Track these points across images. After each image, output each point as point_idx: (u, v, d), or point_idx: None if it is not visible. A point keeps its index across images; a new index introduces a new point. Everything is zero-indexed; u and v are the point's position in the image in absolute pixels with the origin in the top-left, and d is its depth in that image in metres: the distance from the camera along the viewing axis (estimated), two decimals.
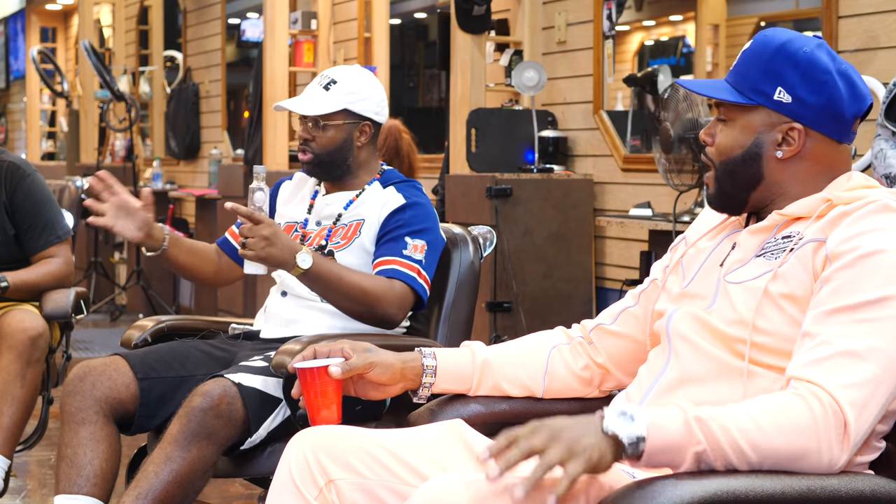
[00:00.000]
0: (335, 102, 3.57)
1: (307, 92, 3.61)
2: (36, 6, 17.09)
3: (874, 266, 2.06)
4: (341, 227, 3.56)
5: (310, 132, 3.58)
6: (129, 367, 3.35)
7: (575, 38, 6.74)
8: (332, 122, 3.58)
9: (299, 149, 3.60)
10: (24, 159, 4.55)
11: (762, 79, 2.24)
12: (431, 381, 2.52)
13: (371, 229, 3.53)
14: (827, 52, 2.24)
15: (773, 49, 2.24)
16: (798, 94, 2.22)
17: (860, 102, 2.24)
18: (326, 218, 3.61)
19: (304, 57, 9.44)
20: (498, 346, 2.60)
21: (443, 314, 3.57)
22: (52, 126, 16.80)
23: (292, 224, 3.65)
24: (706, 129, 2.34)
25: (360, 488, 2.26)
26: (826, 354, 2.02)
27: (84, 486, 3.24)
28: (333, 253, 3.51)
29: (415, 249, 3.46)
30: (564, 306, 6.23)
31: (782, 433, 1.96)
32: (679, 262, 2.42)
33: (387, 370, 2.49)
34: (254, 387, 3.18)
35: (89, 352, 8.54)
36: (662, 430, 1.93)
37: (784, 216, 2.24)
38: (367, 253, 3.52)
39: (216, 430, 3.11)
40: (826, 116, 2.23)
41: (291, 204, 3.72)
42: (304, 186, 3.75)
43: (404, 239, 3.46)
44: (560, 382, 2.56)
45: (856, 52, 5.00)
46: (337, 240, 3.54)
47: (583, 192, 6.36)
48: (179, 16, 12.32)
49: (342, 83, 3.59)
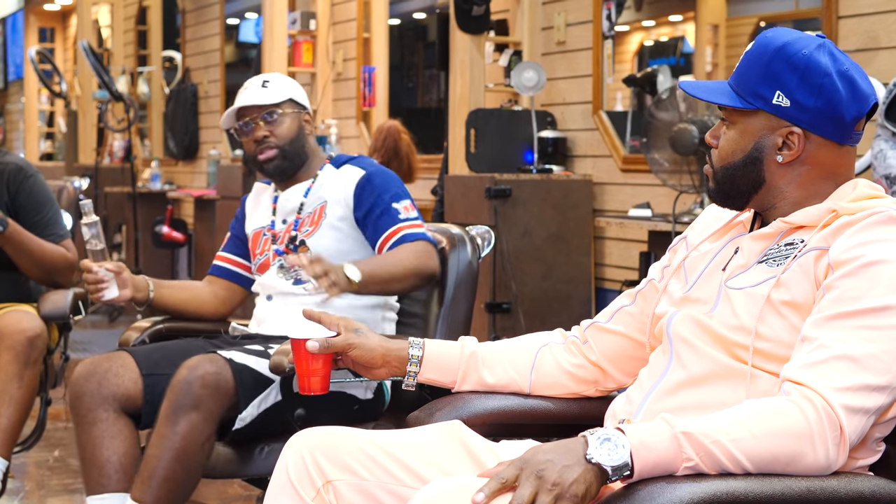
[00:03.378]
0: (281, 93, 3.67)
1: (249, 92, 3.67)
2: (34, 6, 17.10)
3: (876, 275, 2.06)
4: (306, 215, 3.62)
5: (265, 129, 3.63)
6: (135, 363, 3.38)
7: (574, 39, 6.74)
8: (284, 111, 3.66)
9: (258, 151, 3.65)
10: (26, 160, 4.56)
11: (761, 82, 2.23)
12: (416, 371, 2.54)
13: (337, 207, 3.59)
14: (828, 53, 2.21)
15: (772, 51, 2.23)
16: (796, 98, 2.20)
17: (862, 103, 2.22)
18: (290, 213, 3.67)
19: (302, 57, 9.45)
20: (489, 342, 2.62)
21: (441, 314, 3.58)
22: (50, 126, 16.82)
23: (260, 230, 3.71)
24: (712, 131, 2.33)
25: (358, 489, 2.26)
26: (823, 358, 2.01)
27: (108, 483, 3.28)
28: (305, 241, 3.57)
29: (406, 210, 3.55)
30: (564, 307, 6.23)
31: (776, 438, 1.95)
32: (681, 265, 2.41)
33: (367, 353, 2.51)
34: (245, 364, 3.24)
35: (87, 353, 8.54)
36: (649, 449, 1.92)
37: (788, 224, 2.23)
38: (336, 230, 3.58)
39: (203, 399, 3.15)
40: (825, 119, 2.21)
41: (255, 214, 3.79)
42: (262, 195, 3.81)
43: (392, 206, 3.54)
44: (548, 378, 2.56)
45: (856, 53, 5.00)
46: (305, 228, 3.61)
47: (582, 192, 6.36)
48: (178, 16, 12.33)
49: (275, 79, 3.70)
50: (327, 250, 3.52)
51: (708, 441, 1.93)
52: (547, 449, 1.93)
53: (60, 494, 4.94)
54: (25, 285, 4.47)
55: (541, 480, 1.88)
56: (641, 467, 1.91)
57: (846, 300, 2.05)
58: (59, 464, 5.45)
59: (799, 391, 1.98)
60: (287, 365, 3.08)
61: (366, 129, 8.98)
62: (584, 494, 1.89)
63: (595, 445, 1.91)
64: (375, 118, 8.88)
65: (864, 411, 1.99)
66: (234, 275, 3.77)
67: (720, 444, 1.93)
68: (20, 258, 4.28)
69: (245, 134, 3.66)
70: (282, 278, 3.59)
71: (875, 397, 2.00)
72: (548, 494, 1.87)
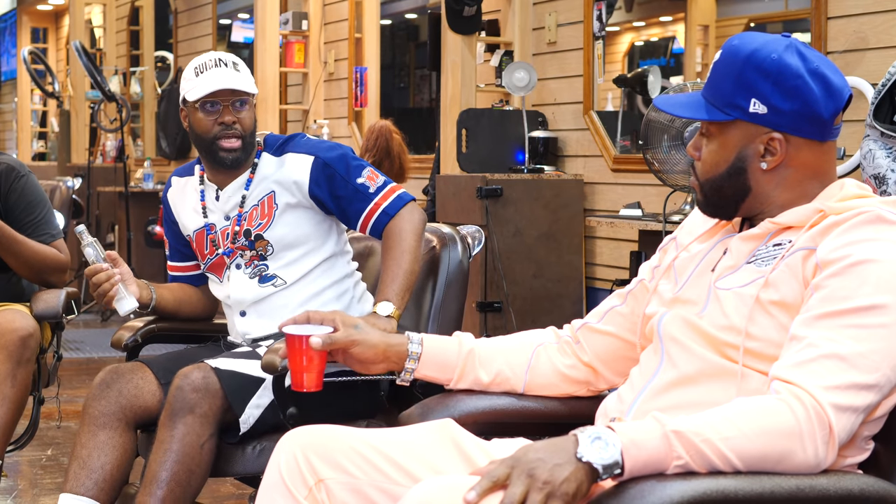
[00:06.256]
0: (251, 82, 3.56)
1: (223, 74, 3.50)
2: (27, 6, 17.08)
3: (864, 274, 2.06)
4: (252, 208, 3.53)
5: (232, 115, 3.51)
6: (153, 376, 3.42)
7: (565, 39, 6.76)
8: (250, 102, 3.55)
9: (221, 135, 3.49)
10: (18, 160, 4.55)
11: (735, 92, 2.22)
12: (414, 367, 2.53)
13: (287, 195, 3.49)
14: (797, 53, 2.21)
15: (742, 59, 2.22)
16: (772, 104, 2.20)
17: (837, 99, 2.21)
18: (231, 209, 3.57)
19: (294, 57, 9.45)
20: (487, 339, 2.61)
21: (431, 313, 3.58)
22: (42, 126, 16.80)
23: (202, 230, 3.62)
24: (692, 143, 2.32)
25: (350, 488, 2.26)
26: (811, 357, 2.01)
27: (91, 488, 3.29)
28: (261, 236, 3.51)
29: (371, 181, 3.47)
30: (554, 306, 6.24)
31: (766, 437, 1.95)
32: (671, 265, 2.42)
33: (369, 349, 2.49)
34: (230, 369, 3.25)
35: (80, 352, 8.54)
36: (640, 447, 1.92)
37: (776, 224, 2.24)
38: (291, 217, 3.50)
39: (196, 402, 3.18)
40: (804, 121, 2.20)
41: (186, 214, 3.67)
42: (185, 192, 3.69)
43: (358, 183, 3.45)
44: (543, 378, 2.57)
45: (845, 53, 5.02)
46: (257, 221, 3.52)
47: (573, 192, 6.37)
48: (170, 16, 12.32)
49: (242, 65, 3.56)
50: (286, 238, 3.50)
51: (698, 440, 1.93)
52: (538, 447, 1.93)
53: (53, 493, 4.94)
54: (18, 285, 4.47)
55: (532, 479, 1.88)
56: (632, 466, 1.92)
57: (834, 299, 2.05)
58: (52, 462, 5.45)
59: (788, 390, 1.99)
60: (279, 363, 3.09)
61: (357, 129, 8.98)
62: (575, 493, 1.89)
63: (586, 444, 1.91)
64: (367, 118, 8.89)
65: (852, 410, 2.00)
66: (199, 277, 3.74)
67: (710, 443, 1.93)
68: (11, 258, 4.29)
69: (210, 113, 3.49)
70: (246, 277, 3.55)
71: (864, 396, 2.01)
72: (539, 493, 1.87)
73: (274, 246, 3.50)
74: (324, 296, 3.52)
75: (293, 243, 3.50)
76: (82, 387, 6.99)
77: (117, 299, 3.44)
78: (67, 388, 6.70)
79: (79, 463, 3.31)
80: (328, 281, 3.53)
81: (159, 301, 3.62)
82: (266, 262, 3.52)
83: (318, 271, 3.53)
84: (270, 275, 3.52)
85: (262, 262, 3.52)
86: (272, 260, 3.51)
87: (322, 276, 3.53)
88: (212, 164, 3.57)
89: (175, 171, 3.77)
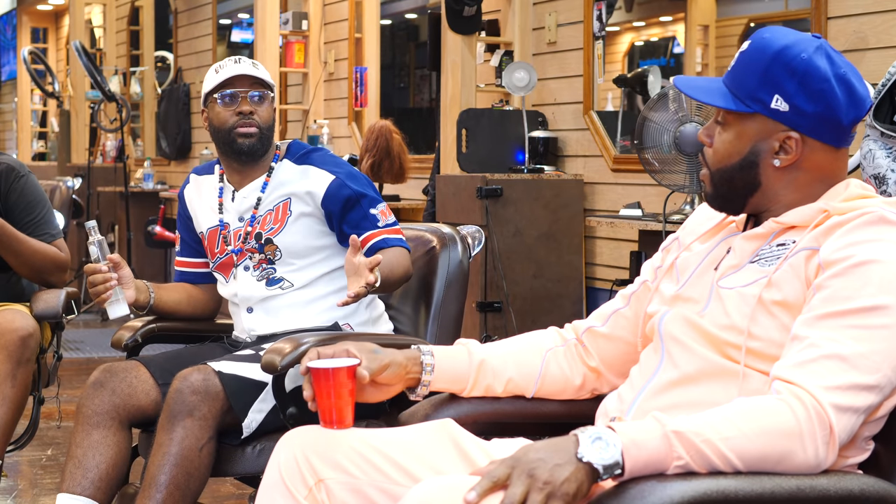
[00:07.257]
0: (269, 77, 3.62)
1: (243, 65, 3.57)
2: (27, 6, 17.08)
3: (867, 275, 2.06)
4: (266, 212, 3.55)
5: (250, 105, 3.55)
6: (149, 375, 3.42)
7: (565, 39, 6.76)
8: (269, 95, 3.60)
9: (239, 123, 3.53)
10: (18, 160, 4.55)
11: (759, 86, 2.21)
12: (430, 380, 2.49)
13: (303, 204, 3.52)
14: (826, 56, 2.20)
15: (770, 54, 2.21)
16: (795, 103, 2.19)
17: (859, 108, 2.21)
18: (246, 210, 3.59)
19: (294, 57, 9.45)
20: (493, 346, 2.58)
21: (431, 313, 3.58)
22: (42, 126, 16.80)
23: (215, 228, 3.63)
24: (705, 129, 2.31)
25: (350, 488, 2.26)
26: (813, 357, 2.01)
27: (88, 487, 3.30)
28: (271, 240, 3.52)
29: (384, 216, 3.51)
30: (554, 306, 6.23)
31: (766, 437, 1.95)
32: (673, 264, 2.41)
33: (399, 369, 2.45)
34: (232, 373, 3.24)
35: (80, 352, 8.54)
36: (640, 447, 1.92)
37: (780, 224, 2.23)
38: (303, 225, 3.52)
39: (196, 405, 3.17)
40: (824, 124, 2.20)
41: (203, 211, 3.69)
42: (203, 188, 3.72)
43: (370, 213, 3.49)
44: (552, 386, 2.56)
45: (845, 53, 5.02)
46: (269, 225, 3.54)
47: (573, 192, 6.37)
48: (170, 16, 12.32)
49: (259, 64, 3.64)
50: (295, 246, 3.51)
51: (698, 440, 1.93)
52: (538, 447, 1.93)
53: (53, 493, 4.94)
54: (18, 285, 4.47)
55: (532, 479, 1.88)
56: (632, 466, 1.92)
57: (837, 300, 2.05)
58: (52, 462, 5.45)
59: (789, 390, 1.99)
60: (279, 363, 3.08)
61: (357, 129, 8.98)
62: (575, 493, 1.89)
63: (586, 444, 1.91)
64: (367, 118, 8.88)
65: (853, 410, 2.00)
66: (205, 276, 3.74)
67: (710, 443, 1.93)
68: (11, 257, 4.28)
69: (228, 105, 3.54)
70: (254, 279, 3.57)
71: (864, 396, 2.01)
72: (539, 493, 1.87)
73: (282, 252, 3.51)
74: (331, 299, 3.52)
75: (301, 252, 3.51)
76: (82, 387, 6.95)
77: (110, 302, 3.46)
78: (67, 388, 6.69)
79: (74, 462, 3.32)
80: (336, 286, 3.54)
81: (157, 302, 3.62)
82: (274, 265, 3.53)
83: (326, 279, 3.55)
84: (278, 278, 3.54)
85: (270, 266, 3.53)
86: (280, 265, 3.52)
87: (330, 283, 3.54)
88: (229, 158, 3.60)
89: (194, 169, 3.81)
